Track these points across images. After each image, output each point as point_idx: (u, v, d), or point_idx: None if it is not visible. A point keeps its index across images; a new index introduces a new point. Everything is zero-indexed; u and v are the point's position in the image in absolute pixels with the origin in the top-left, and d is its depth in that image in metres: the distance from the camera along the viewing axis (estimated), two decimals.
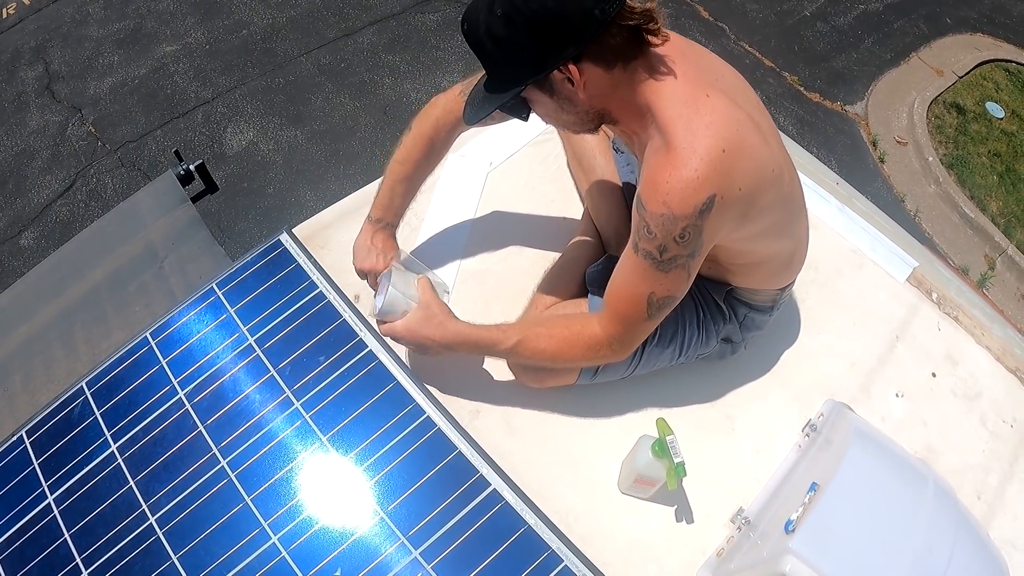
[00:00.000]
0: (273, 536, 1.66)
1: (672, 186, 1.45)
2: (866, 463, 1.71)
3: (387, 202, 2.02)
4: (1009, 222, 5.24)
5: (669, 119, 1.49)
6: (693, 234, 1.48)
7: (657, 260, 1.54)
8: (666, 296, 1.61)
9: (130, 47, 5.35)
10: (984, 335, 2.35)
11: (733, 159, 1.46)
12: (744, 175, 1.49)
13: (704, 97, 1.50)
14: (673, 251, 1.51)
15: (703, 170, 1.43)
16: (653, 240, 1.51)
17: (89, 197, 4.53)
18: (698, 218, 1.46)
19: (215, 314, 1.97)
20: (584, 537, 1.76)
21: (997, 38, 6.66)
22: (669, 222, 1.47)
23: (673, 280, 1.58)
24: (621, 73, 1.51)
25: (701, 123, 1.46)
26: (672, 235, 1.48)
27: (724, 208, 1.47)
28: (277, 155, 4.77)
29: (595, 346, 1.71)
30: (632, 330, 1.69)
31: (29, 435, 1.85)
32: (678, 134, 1.46)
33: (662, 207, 1.46)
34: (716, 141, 1.45)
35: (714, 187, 1.44)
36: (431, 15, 5.70)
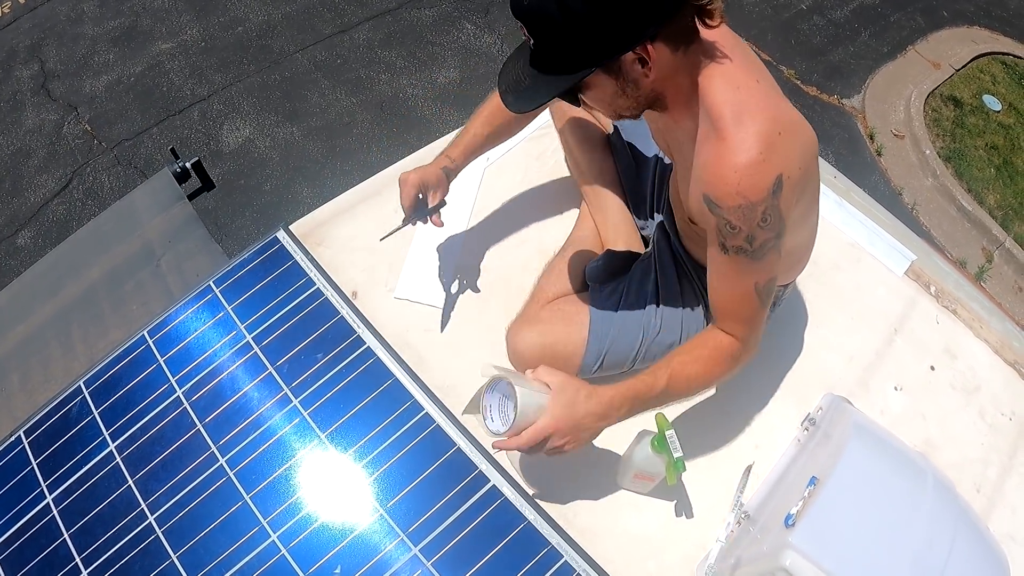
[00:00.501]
0: (272, 534, 1.66)
1: (741, 174, 1.41)
2: (865, 457, 1.71)
3: (464, 143, 2.02)
4: (1007, 215, 5.24)
5: (721, 103, 1.45)
6: (774, 215, 1.46)
7: (749, 251, 1.51)
8: (768, 280, 1.60)
9: (125, 45, 5.34)
10: (982, 328, 2.35)
11: (789, 139, 1.45)
12: (799, 154, 1.48)
13: (755, 83, 1.48)
14: (761, 237, 1.48)
15: (767, 152, 1.41)
16: (739, 234, 1.48)
17: (86, 196, 4.52)
18: (773, 198, 1.44)
19: (212, 312, 1.97)
20: (584, 532, 1.76)
21: (994, 31, 6.66)
22: (749, 210, 1.44)
23: (769, 264, 1.56)
24: (683, 56, 1.45)
25: (755, 107, 1.44)
26: (755, 222, 1.45)
27: (791, 187, 1.46)
28: (274, 152, 4.76)
29: (735, 354, 1.68)
30: (755, 323, 1.67)
31: (27, 435, 1.85)
32: (731, 120, 1.44)
33: (737, 198, 1.43)
34: (772, 124, 1.43)
35: (778, 167, 1.42)
36: (427, 10, 5.69)
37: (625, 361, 1.93)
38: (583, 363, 1.91)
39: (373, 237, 2.19)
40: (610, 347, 1.90)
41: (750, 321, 1.65)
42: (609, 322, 1.91)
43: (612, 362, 1.92)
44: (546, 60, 1.45)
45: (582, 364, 1.91)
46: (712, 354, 1.68)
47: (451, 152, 2.01)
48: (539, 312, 1.97)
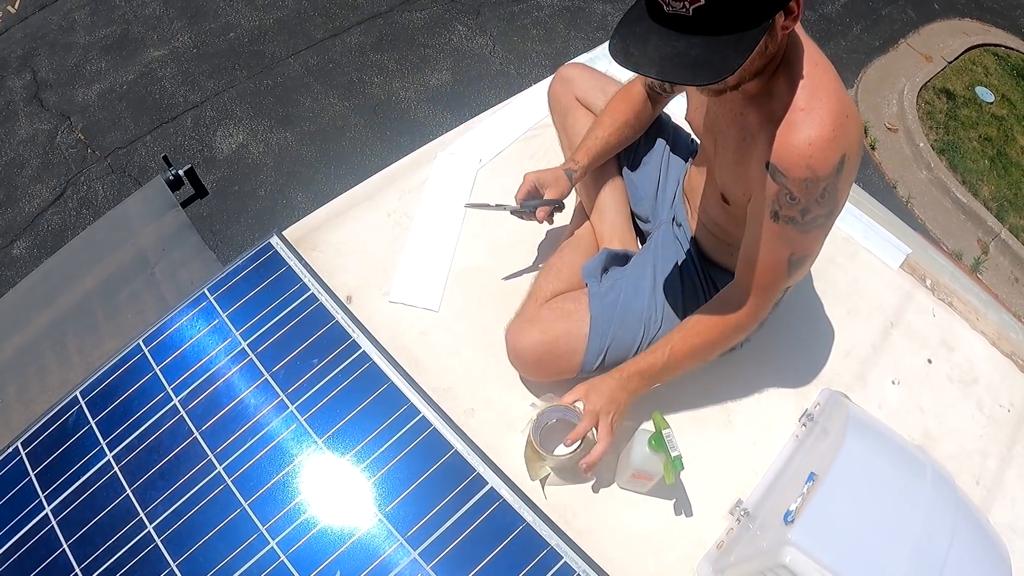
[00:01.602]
0: (271, 540, 1.65)
1: (815, 147, 1.44)
2: (864, 451, 1.71)
3: (587, 145, 2.08)
4: (1001, 206, 5.25)
5: (801, 76, 1.48)
6: (830, 194, 1.49)
7: (799, 223, 1.54)
8: (803, 256, 1.62)
9: (117, 53, 5.33)
10: (979, 320, 2.35)
11: (852, 123, 1.48)
12: (857, 140, 1.51)
13: (827, 64, 1.52)
14: (814, 212, 1.52)
15: (837, 131, 1.44)
16: (796, 205, 1.51)
17: (80, 205, 4.51)
18: (835, 177, 1.47)
19: (207, 319, 1.96)
20: (583, 533, 1.76)
21: (985, 23, 6.66)
22: (812, 184, 1.47)
23: (812, 239, 1.59)
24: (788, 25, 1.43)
25: (830, 87, 1.48)
26: (814, 197, 1.49)
27: (851, 168, 1.49)
28: (267, 157, 4.76)
29: (740, 323, 1.74)
30: (770, 294, 1.70)
31: (25, 446, 1.85)
32: (810, 94, 1.46)
33: (806, 171, 1.46)
34: (841, 105, 1.46)
35: (843, 147, 1.46)
36: (418, 13, 5.69)
37: (626, 356, 1.92)
38: (584, 360, 1.91)
39: (367, 241, 2.20)
40: (611, 343, 1.90)
41: (767, 290, 1.69)
42: (609, 318, 1.91)
43: (613, 358, 1.92)
44: (720, 20, 1.31)
45: (583, 361, 1.91)
46: (717, 324, 1.75)
47: (576, 155, 2.08)
48: (538, 311, 1.96)
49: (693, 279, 1.98)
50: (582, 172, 2.07)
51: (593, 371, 1.93)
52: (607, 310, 1.92)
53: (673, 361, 1.78)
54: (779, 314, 2.18)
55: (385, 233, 2.24)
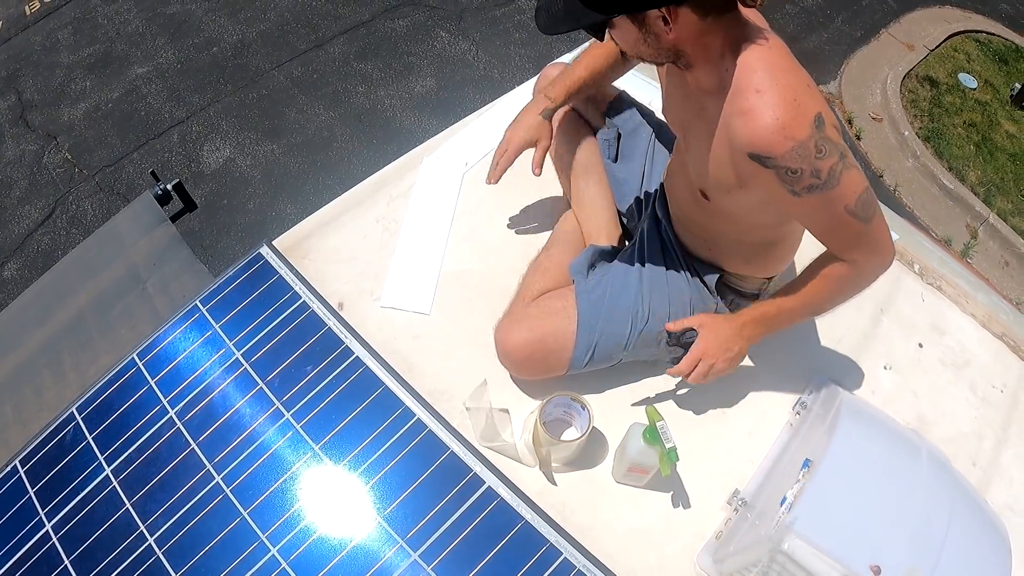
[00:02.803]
0: (272, 548, 1.66)
1: (783, 119, 1.45)
2: (858, 437, 1.72)
3: (561, 78, 2.13)
4: (988, 190, 5.27)
5: (755, 60, 1.50)
6: (826, 144, 1.47)
7: (820, 185, 1.51)
8: (857, 197, 1.56)
9: (101, 71, 5.34)
10: (968, 303, 2.36)
11: (814, 91, 1.50)
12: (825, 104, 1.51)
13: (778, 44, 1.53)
14: (825, 167, 1.49)
15: (800, 98, 1.46)
16: (802, 177, 1.50)
17: (69, 224, 4.51)
18: (817, 131, 1.46)
19: (200, 331, 1.97)
20: (582, 529, 1.77)
21: (966, 9, 6.70)
22: (802, 149, 1.46)
23: (847, 186, 1.53)
24: (713, 22, 1.49)
25: (782, 63, 1.50)
26: (812, 156, 1.47)
27: (831, 123, 1.49)
28: (255, 170, 4.77)
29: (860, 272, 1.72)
30: (866, 241, 1.65)
31: (23, 464, 1.85)
32: (765, 75, 1.48)
33: (787, 142, 1.46)
34: (797, 78, 1.48)
35: (815, 107, 1.46)
36: (400, 21, 5.70)
37: (615, 351, 1.94)
38: (573, 356, 1.92)
39: (357, 248, 2.20)
40: (599, 338, 1.90)
41: (859, 241, 1.65)
42: (597, 314, 1.92)
43: (602, 353, 1.93)
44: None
45: (572, 357, 1.92)
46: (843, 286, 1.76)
47: (551, 92, 2.11)
48: (526, 309, 1.97)
49: (679, 272, 1.99)
50: (556, 108, 2.13)
51: (582, 368, 1.94)
52: (594, 306, 1.93)
53: (799, 319, 1.85)
54: None
55: (374, 239, 2.25)
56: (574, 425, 1.88)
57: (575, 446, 1.80)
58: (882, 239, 1.66)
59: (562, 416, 1.88)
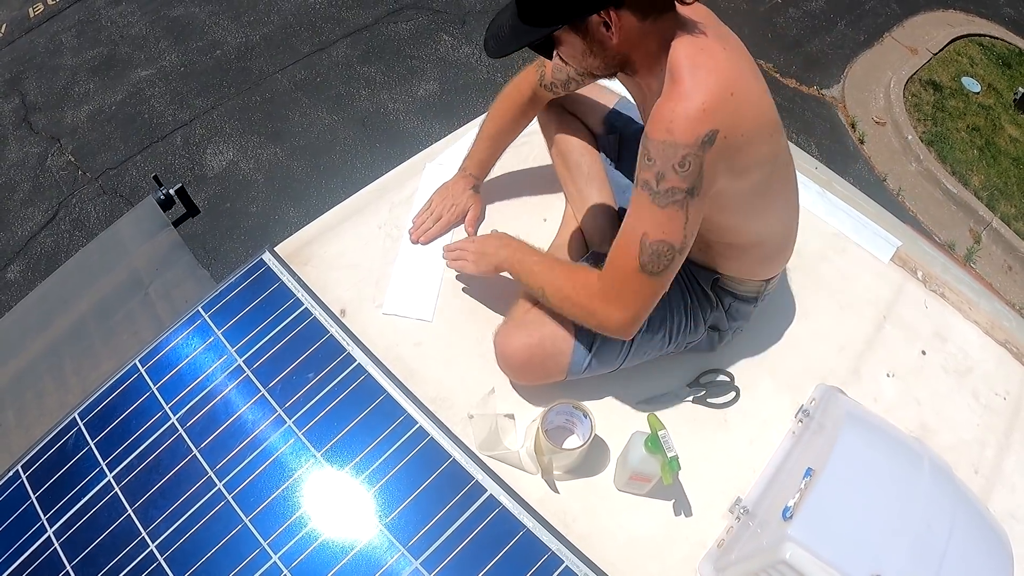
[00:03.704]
0: (274, 555, 1.66)
1: (677, 114, 1.47)
2: (860, 445, 1.72)
3: (473, 153, 2.30)
4: (992, 195, 5.26)
5: (681, 58, 1.51)
6: (693, 165, 1.48)
7: (653, 190, 1.52)
8: (659, 241, 1.57)
9: (105, 74, 5.34)
10: (971, 310, 2.36)
11: (739, 102, 1.49)
12: (747, 120, 1.51)
13: (721, 49, 1.53)
14: (671, 181, 1.50)
15: (710, 104, 1.46)
16: (652, 167, 1.51)
17: (72, 227, 4.52)
18: (699, 148, 1.46)
19: (202, 337, 1.97)
20: (584, 537, 1.76)
21: (969, 13, 6.70)
22: (670, 148, 1.47)
23: (668, 219, 1.54)
24: (652, 24, 1.52)
25: (712, 65, 1.50)
26: (671, 162, 1.48)
27: (726, 147, 1.49)
28: (258, 173, 4.77)
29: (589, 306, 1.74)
30: (623, 282, 1.66)
31: (25, 469, 1.85)
32: (687, 73, 1.49)
33: (664, 133, 1.47)
34: (725, 83, 1.48)
35: (718, 123, 1.46)
36: (403, 24, 5.70)
37: (614, 358, 1.93)
38: (571, 361, 1.91)
39: (359, 254, 2.20)
40: (598, 344, 1.90)
41: (620, 275, 1.66)
42: None
43: (601, 360, 1.92)
44: (525, 13, 1.56)
45: (570, 363, 1.91)
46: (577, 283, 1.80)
47: (471, 169, 2.31)
48: (525, 315, 1.97)
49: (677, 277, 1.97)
50: (482, 180, 2.35)
51: (581, 373, 1.93)
52: None
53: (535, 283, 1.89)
54: (771, 310, 2.19)
55: (376, 246, 2.25)
56: (576, 433, 1.87)
57: (577, 454, 1.80)
58: (635, 301, 1.68)
59: (564, 424, 1.88)
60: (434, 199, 2.31)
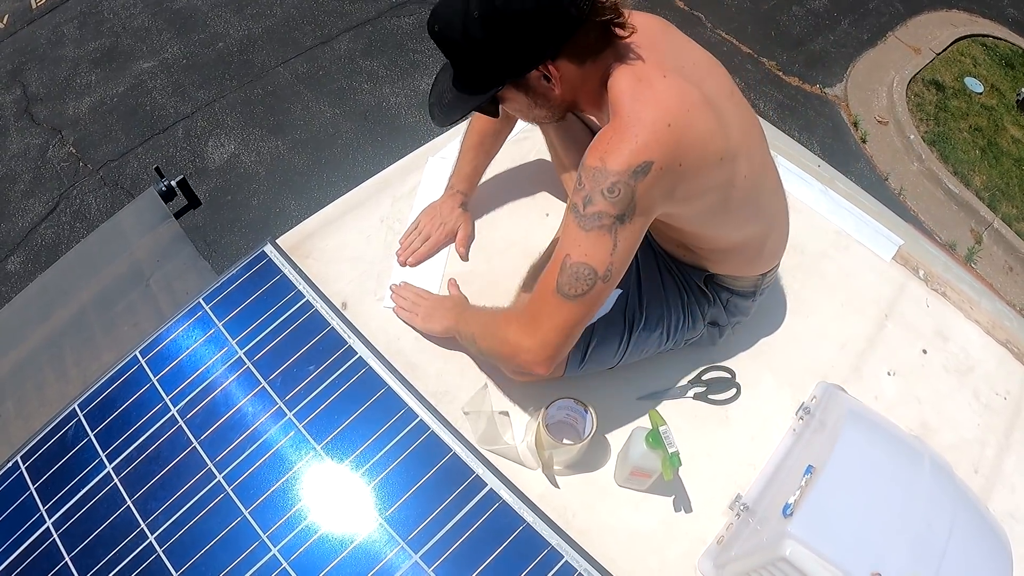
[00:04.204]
0: (273, 548, 1.65)
1: (611, 146, 1.45)
2: (861, 443, 1.71)
3: (459, 168, 2.26)
4: (993, 195, 5.26)
5: (619, 92, 1.50)
6: (624, 193, 1.45)
7: (580, 213, 1.49)
8: (580, 263, 1.51)
9: (107, 66, 5.33)
10: (973, 309, 2.36)
11: (679, 134, 1.46)
12: (687, 152, 1.49)
13: (660, 77, 1.51)
14: (598, 205, 1.46)
15: (644, 137, 1.44)
16: (581, 191, 1.49)
17: (73, 219, 4.51)
18: (630, 178, 1.44)
19: (203, 329, 1.97)
20: (584, 532, 1.76)
21: (972, 13, 6.69)
22: (600, 174, 1.45)
23: (592, 243, 1.49)
24: (591, 66, 1.53)
25: (650, 97, 1.48)
26: (600, 187, 1.45)
27: (660, 178, 1.46)
28: (259, 166, 4.76)
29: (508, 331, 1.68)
30: (538, 305, 1.60)
31: (24, 460, 1.84)
32: (625, 105, 1.48)
33: (597, 161, 1.46)
34: (662, 114, 1.46)
35: (653, 155, 1.44)
36: (406, 18, 5.70)
37: (611, 355, 1.93)
38: (569, 359, 1.90)
39: (361, 247, 2.20)
40: (595, 341, 1.89)
41: (538, 301, 1.60)
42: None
43: (598, 357, 1.92)
44: (462, 78, 1.60)
45: (568, 360, 1.91)
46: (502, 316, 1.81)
47: (459, 186, 2.26)
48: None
49: (672, 276, 1.98)
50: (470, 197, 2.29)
51: (578, 371, 1.93)
52: None
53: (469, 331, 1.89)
54: (772, 308, 2.20)
55: (378, 239, 2.24)
56: (577, 428, 1.87)
57: (577, 449, 1.80)
58: (546, 325, 1.59)
59: (565, 419, 1.87)
60: (422, 219, 2.26)
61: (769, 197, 1.86)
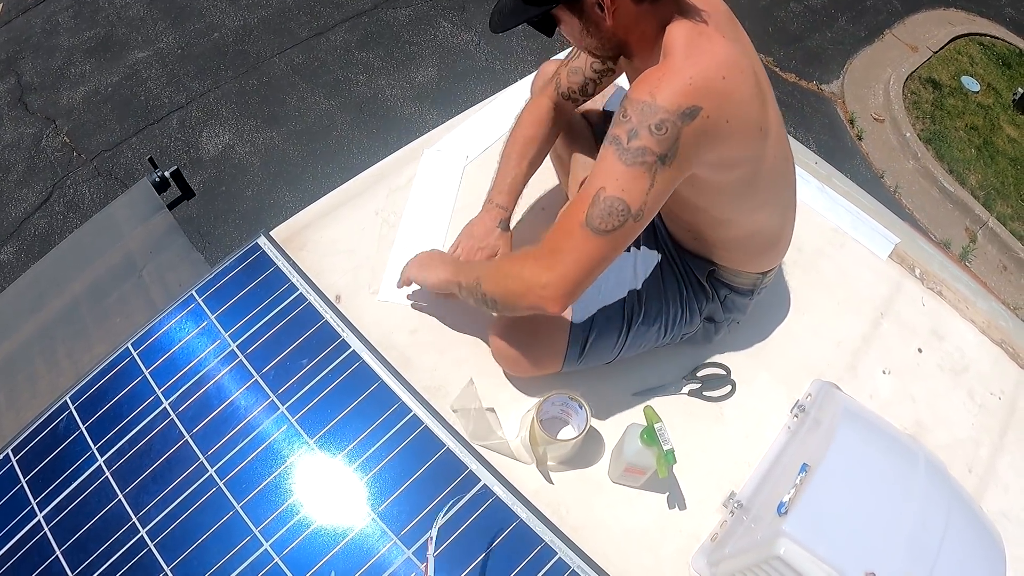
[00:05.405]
0: (265, 542, 1.65)
1: (663, 81, 1.43)
2: (856, 442, 1.71)
3: (498, 180, 2.10)
4: (988, 194, 5.27)
5: (676, 38, 1.48)
6: (671, 132, 1.41)
7: (622, 147, 1.45)
8: (615, 197, 1.46)
9: (101, 55, 5.31)
10: (968, 309, 2.35)
11: (731, 90, 1.46)
12: (735, 111, 1.48)
13: (720, 36, 1.50)
14: (643, 139, 1.42)
15: (699, 80, 1.42)
16: (626, 124, 1.45)
17: (67, 208, 4.49)
18: (679, 119, 1.41)
19: (196, 321, 1.96)
20: (577, 529, 1.76)
21: (970, 12, 6.69)
22: (649, 109, 1.42)
23: (631, 178, 1.45)
24: (648, 8, 1.51)
25: (708, 47, 1.47)
26: (648, 122, 1.42)
27: (707, 128, 1.43)
28: (254, 157, 4.75)
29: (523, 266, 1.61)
30: (563, 237, 1.54)
31: (16, 452, 1.83)
32: (681, 50, 1.46)
33: (647, 96, 1.43)
34: (718, 68, 1.45)
35: (704, 100, 1.42)
36: (403, 10, 5.68)
37: (609, 348, 1.93)
38: (567, 353, 1.90)
39: (355, 240, 2.19)
40: (593, 336, 1.89)
41: (563, 233, 1.54)
42: (590, 310, 1.90)
43: (596, 349, 1.92)
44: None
45: (566, 355, 1.90)
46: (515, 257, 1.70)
47: (500, 200, 2.08)
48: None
49: (672, 267, 1.97)
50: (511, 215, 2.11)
51: (576, 365, 1.93)
52: (588, 302, 1.91)
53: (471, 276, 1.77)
54: (768, 305, 2.19)
55: (373, 232, 2.23)
56: (571, 424, 1.87)
57: (571, 445, 1.79)
58: (569, 258, 1.53)
59: (559, 415, 1.87)
60: (460, 241, 2.11)
61: (785, 187, 1.86)
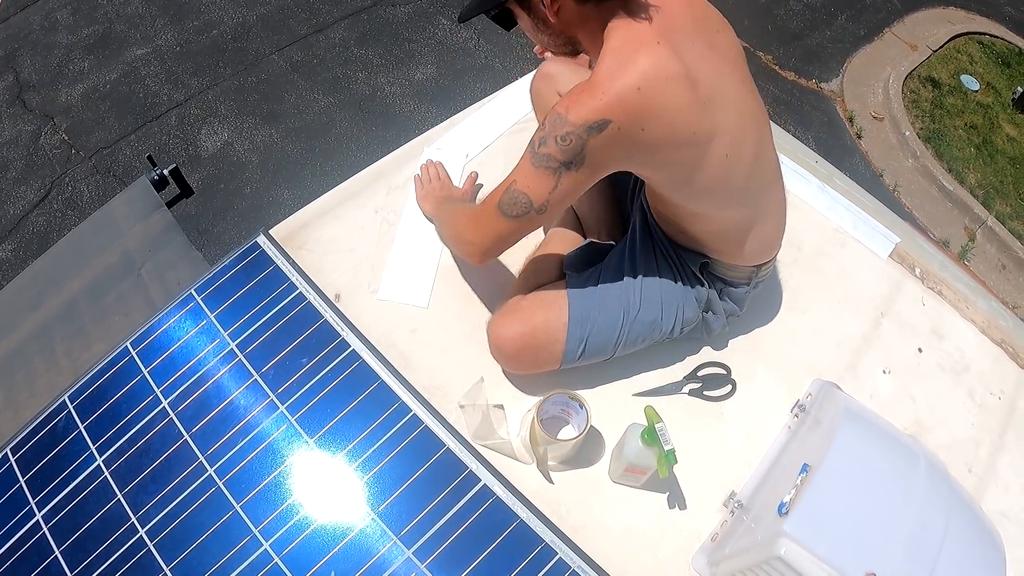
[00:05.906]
0: (264, 542, 1.64)
1: (578, 98, 1.53)
2: (856, 441, 1.71)
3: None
4: (988, 193, 5.27)
5: (607, 47, 1.57)
6: (575, 143, 1.54)
7: (534, 150, 1.61)
8: (520, 192, 1.65)
9: (100, 52, 5.30)
10: (968, 308, 2.35)
11: (646, 100, 1.51)
12: (653, 120, 1.53)
13: (653, 42, 1.54)
14: (550, 148, 1.57)
15: (609, 97, 1.51)
16: (541, 131, 1.59)
17: (65, 206, 4.49)
18: (585, 132, 1.52)
19: (195, 320, 1.95)
20: (577, 529, 1.76)
21: (970, 11, 6.69)
22: (558, 121, 1.54)
23: (536, 178, 1.62)
24: (593, 8, 1.58)
25: (630, 60, 1.52)
26: (555, 133, 1.55)
27: (619, 139, 1.54)
28: (253, 155, 4.74)
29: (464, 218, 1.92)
30: (484, 212, 1.76)
31: (14, 452, 1.83)
32: (605, 61, 1.54)
33: (562, 109, 1.54)
34: (635, 79, 1.50)
35: (613, 114, 1.51)
36: (402, 7, 5.67)
37: (608, 343, 1.92)
38: (566, 348, 1.89)
39: (355, 239, 2.19)
40: (592, 330, 1.88)
41: (483, 209, 1.77)
42: (589, 304, 1.90)
43: (595, 346, 1.91)
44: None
45: (565, 350, 1.89)
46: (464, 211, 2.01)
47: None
48: (518, 304, 1.95)
49: (668, 261, 1.97)
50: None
51: (575, 362, 1.92)
52: (586, 298, 1.91)
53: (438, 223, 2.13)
54: (768, 304, 2.19)
55: (373, 230, 2.23)
56: (571, 423, 1.87)
57: (572, 445, 1.79)
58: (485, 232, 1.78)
59: (560, 414, 1.87)
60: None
61: (760, 187, 1.85)
